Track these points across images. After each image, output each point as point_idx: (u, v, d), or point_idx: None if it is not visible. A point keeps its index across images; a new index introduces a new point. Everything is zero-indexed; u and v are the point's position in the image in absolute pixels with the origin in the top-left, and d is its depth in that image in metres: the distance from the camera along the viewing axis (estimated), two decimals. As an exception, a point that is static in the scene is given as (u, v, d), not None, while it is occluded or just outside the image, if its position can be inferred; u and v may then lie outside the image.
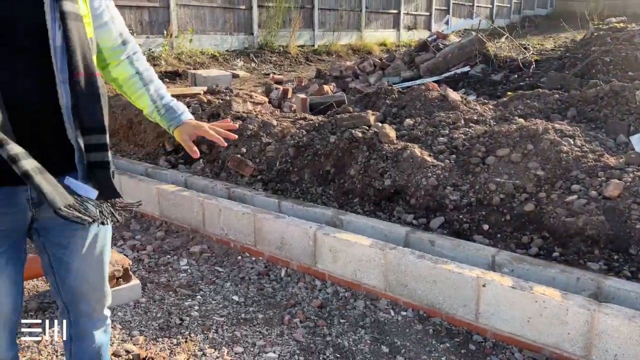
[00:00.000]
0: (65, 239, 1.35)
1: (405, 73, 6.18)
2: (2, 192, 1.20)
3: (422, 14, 18.03)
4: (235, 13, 11.31)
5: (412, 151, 3.43)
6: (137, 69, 1.46)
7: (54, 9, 1.16)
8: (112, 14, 1.39)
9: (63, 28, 1.17)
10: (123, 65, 1.44)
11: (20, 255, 1.32)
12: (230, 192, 3.73)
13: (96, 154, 1.28)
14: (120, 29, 1.42)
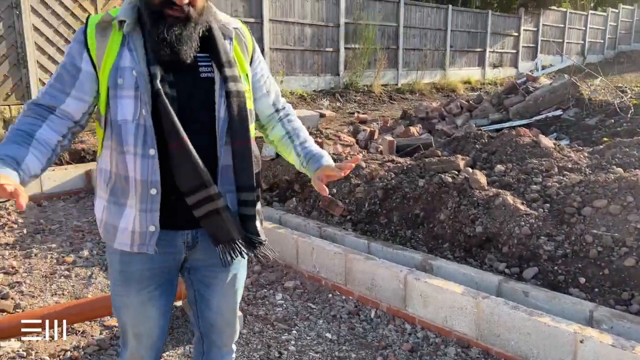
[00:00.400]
0: (209, 279, 1.58)
1: (493, 115, 6.16)
2: (165, 234, 1.44)
3: (509, 51, 17.76)
4: (322, 55, 11.82)
5: (504, 198, 3.44)
6: (287, 129, 1.66)
7: (222, 89, 1.42)
8: (268, 87, 1.64)
9: (227, 104, 1.42)
10: (277, 129, 1.67)
11: (173, 289, 1.56)
12: (322, 231, 3.91)
13: (245, 208, 1.50)
14: (274, 98, 1.66)
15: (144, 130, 1.36)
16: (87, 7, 7.60)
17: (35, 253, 4.14)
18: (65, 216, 5.20)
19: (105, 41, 1.38)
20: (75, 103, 1.41)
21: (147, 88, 1.34)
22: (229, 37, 1.50)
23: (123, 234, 1.44)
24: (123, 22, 1.37)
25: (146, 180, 1.38)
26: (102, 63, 1.37)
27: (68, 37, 7.44)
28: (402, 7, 13.48)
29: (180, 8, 1.33)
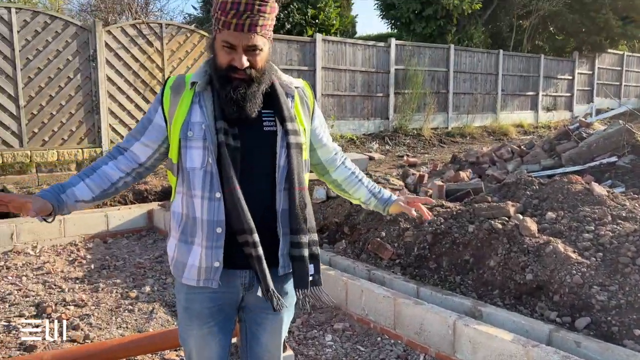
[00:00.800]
0: (261, 318, 1.73)
1: (545, 161, 6.12)
2: (225, 273, 1.62)
3: (563, 94, 17.49)
4: (372, 100, 12.11)
5: (555, 246, 3.44)
6: (350, 169, 1.91)
7: (283, 140, 1.61)
8: (326, 137, 1.84)
9: (287, 154, 1.61)
10: (340, 169, 1.90)
11: (231, 325, 1.72)
12: (371, 274, 4.00)
13: (296, 249, 1.64)
14: (331, 145, 1.87)
15: (210, 176, 1.57)
16: (155, 59, 8.24)
17: (102, 287, 4.43)
18: (128, 253, 5.53)
19: (178, 99, 1.61)
20: (141, 148, 1.68)
21: (214, 140, 1.55)
22: (291, 95, 1.69)
23: (190, 270, 1.63)
24: (195, 83, 1.60)
25: (212, 220, 1.58)
26: (173, 118, 1.61)
27: (137, 87, 8.06)
28: (452, 53, 13.68)
29: (243, 72, 1.54)
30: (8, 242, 5.42)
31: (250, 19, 1.48)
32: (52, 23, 7.25)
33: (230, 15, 1.48)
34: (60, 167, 7.31)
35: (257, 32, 1.51)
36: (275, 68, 1.70)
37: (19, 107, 7.07)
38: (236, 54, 1.52)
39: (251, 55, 1.53)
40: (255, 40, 1.51)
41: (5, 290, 4.36)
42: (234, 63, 1.53)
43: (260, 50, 1.55)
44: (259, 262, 1.55)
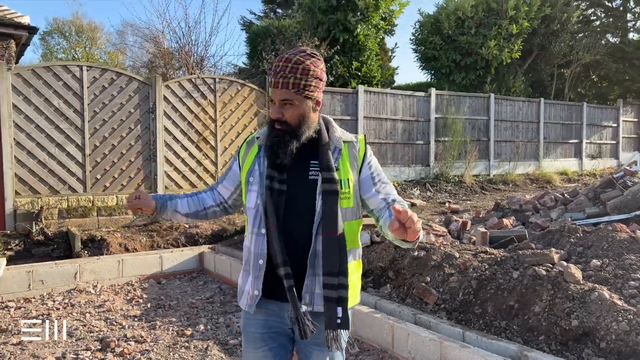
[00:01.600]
0: (308, 352, 1.90)
1: (589, 210, 6.13)
2: (274, 304, 1.85)
3: (608, 142, 17.24)
4: (413, 148, 12.34)
5: (600, 293, 3.49)
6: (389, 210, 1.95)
7: (320, 189, 1.82)
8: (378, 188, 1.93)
9: (322, 201, 1.81)
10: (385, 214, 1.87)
11: (286, 354, 1.91)
12: (416, 318, 4.11)
13: (328, 290, 1.79)
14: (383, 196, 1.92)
15: (259, 215, 1.84)
16: (209, 111, 8.80)
17: (159, 325, 4.70)
18: (181, 293, 5.81)
19: (248, 152, 1.96)
20: (223, 189, 2.11)
21: (263, 184, 1.84)
22: (338, 148, 1.89)
23: (245, 295, 1.90)
24: (258, 137, 1.94)
25: (257, 253, 1.84)
26: (244, 166, 1.94)
27: (191, 136, 8.59)
28: (492, 102, 13.86)
29: (279, 123, 1.82)
30: (72, 280, 5.81)
31: (283, 78, 1.78)
32: (117, 79, 7.93)
33: (272, 76, 1.83)
34: (119, 211, 7.79)
35: (289, 89, 1.78)
36: (332, 124, 1.94)
37: (84, 156, 7.67)
38: (275, 107, 1.82)
39: (284, 109, 1.81)
40: (286, 95, 1.79)
41: (72, 326, 4.69)
42: (272, 115, 1.84)
43: (291, 105, 1.80)
44: (289, 291, 1.77)
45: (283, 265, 1.78)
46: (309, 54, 1.83)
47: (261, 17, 23.27)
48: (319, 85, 1.84)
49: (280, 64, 1.79)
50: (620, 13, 19.08)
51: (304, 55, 1.81)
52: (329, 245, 1.79)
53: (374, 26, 13.15)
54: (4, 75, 7.01)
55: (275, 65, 1.81)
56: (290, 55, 1.81)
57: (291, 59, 1.79)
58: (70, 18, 23.07)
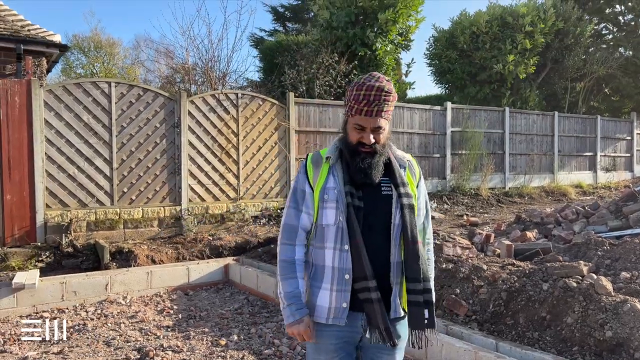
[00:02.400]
0: (376, 357, 2.03)
1: (612, 223, 6.19)
2: (350, 315, 1.95)
3: (622, 155, 17.24)
4: (430, 161, 12.45)
5: (632, 304, 3.56)
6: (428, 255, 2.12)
7: (397, 202, 1.97)
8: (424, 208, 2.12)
9: (400, 214, 1.96)
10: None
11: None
12: (448, 329, 4.19)
13: (412, 295, 1.96)
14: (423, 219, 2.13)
15: (341, 231, 1.93)
16: (231, 125, 8.98)
17: (193, 335, 4.81)
18: (209, 304, 5.93)
19: (318, 171, 2.02)
20: (306, 217, 2.03)
21: (343, 201, 1.93)
22: (403, 166, 2.07)
23: (323, 310, 1.98)
24: (329, 158, 2.02)
25: (342, 268, 1.93)
26: (316, 185, 2.00)
27: (214, 150, 8.76)
28: (507, 115, 13.95)
29: (369, 146, 1.95)
30: (103, 292, 5.95)
31: (378, 107, 1.91)
32: (144, 95, 8.13)
33: (362, 104, 1.91)
34: (144, 223, 7.95)
35: (382, 117, 1.94)
36: (393, 147, 2.10)
37: (112, 169, 7.86)
38: (365, 133, 1.94)
39: (376, 134, 1.95)
40: (380, 122, 1.94)
41: (108, 336, 4.82)
42: (363, 140, 1.95)
43: (384, 130, 1.97)
44: (378, 303, 1.88)
45: (371, 278, 1.89)
46: (387, 79, 1.97)
47: (272, 32, 23.62)
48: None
49: (373, 92, 1.90)
50: (632, 28, 19.17)
51: (386, 81, 1.95)
52: (411, 255, 1.95)
53: (391, 41, 13.35)
54: (37, 92, 7.24)
55: (366, 94, 1.90)
56: (377, 82, 1.92)
57: (382, 87, 1.91)
58: (90, 34, 23.72)
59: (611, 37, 19.98)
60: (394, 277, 1.95)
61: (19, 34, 7.89)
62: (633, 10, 19.00)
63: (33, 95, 7.17)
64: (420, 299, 1.96)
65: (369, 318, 1.92)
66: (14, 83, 7.07)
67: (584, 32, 16.96)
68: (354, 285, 1.92)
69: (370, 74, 1.98)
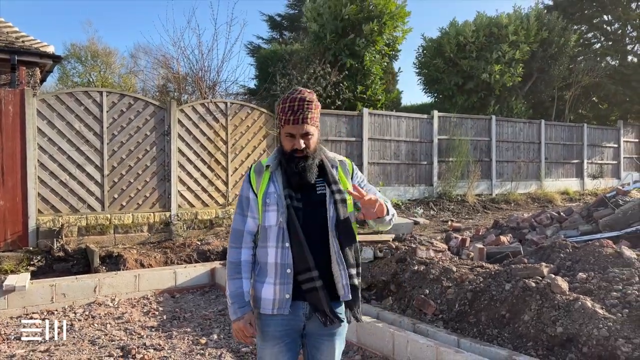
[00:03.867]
0: (318, 343, 2.27)
1: (583, 227, 6.44)
2: (292, 304, 2.18)
3: (609, 162, 17.53)
4: (417, 168, 12.71)
5: (583, 302, 3.80)
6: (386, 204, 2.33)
7: (331, 198, 2.21)
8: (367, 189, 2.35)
9: (334, 207, 2.21)
10: None
11: (296, 347, 2.26)
12: (415, 327, 4.42)
13: (352, 279, 2.21)
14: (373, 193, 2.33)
15: (282, 231, 2.17)
16: (220, 133, 9.23)
17: (175, 335, 5.03)
18: (194, 306, 6.14)
19: (260, 178, 2.26)
20: (252, 220, 2.27)
21: (283, 204, 2.17)
22: (335, 166, 2.33)
23: (269, 301, 2.20)
24: (269, 166, 2.26)
25: (284, 264, 2.17)
26: (259, 191, 2.24)
27: (203, 157, 9.01)
28: (494, 123, 14.24)
29: (301, 151, 2.19)
30: (92, 294, 6.16)
31: (302, 115, 2.17)
32: (135, 103, 8.39)
33: (288, 114, 2.16)
34: (134, 229, 8.17)
35: (308, 123, 2.18)
36: (324, 149, 2.35)
37: (103, 176, 8.09)
38: (295, 140, 2.19)
39: (305, 139, 2.20)
40: (307, 128, 2.19)
41: (94, 335, 5.03)
42: (295, 146, 2.19)
43: (312, 135, 2.21)
44: (322, 290, 2.13)
45: (314, 269, 2.14)
46: (308, 91, 2.23)
47: (269, 41, 23.93)
48: (319, 117, 2.28)
49: (296, 103, 2.16)
50: (619, 37, 19.54)
51: (307, 93, 2.21)
52: (348, 244, 2.21)
53: (378, 52, 13.65)
54: (30, 101, 7.48)
55: (290, 105, 2.16)
56: (299, 94, 2.19)
57: (303, 97, 2.17)
58: (87, 43, 24.05)
59: (599, 46, 20.35)
60: (336, 265, 2.18)
61: (13, 45, 8.14)
62: (620, 19, 19.37)
63: (26, 104, 7.41)
64: (356, 282, 2.22)
65: (314, 305, 2.16)
66: (8, 92, 7.32)
67: (568, 41, 17.30)
68: (297, 277, 2.15)
69: (294, 89, 2.24)
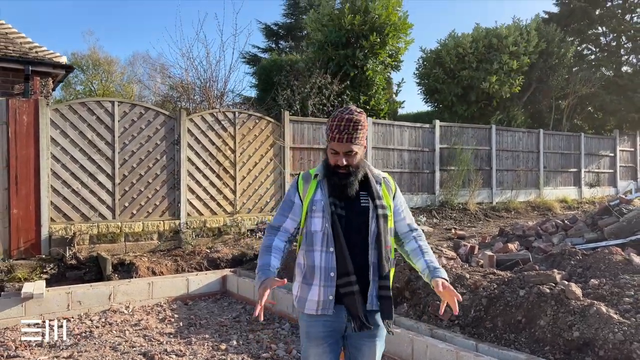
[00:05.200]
0: (359, 345, 2.37)
1: (588, 235, 6.60)
2: (335, 307, 2.30)
3: (606, 171, 17.79)
4: (419, 176, 12.88)
5: (598, 308, 3.94)
6: (419, 244, 2.51)
7: (374, 212, 2.34)
8: (405, 214, 2.53)
9: (376, 223, 2.33)
10: (411, 243, 2.50)
11: (338, 349, 2.38)
12: (433, 332, 4.54)
13: (383, 291, 2.33)
14: (409, 221, 2.54)
15: (327, 236, 2.30)
16: (228, 142, 9.35)
17: (194, 341, 5.12)
18: (208, 313, 6.23)
19: (307, 186, 2.41)
20: (291, 222, 2.44)
21: (328, 211, 2.31)
22: (379, 182, 2.46)
23: (312, 303, 2.33)
24: (317, 175, 2.41)
25: (328, 267, 2.30)
26: (305, 198, 2.39)
27: (212, 166, 9.12)
28: (494, 132, 14.46)
29: (344, 168, 2.33)
30: (106, 302, 6.24)
31: (348, 135, 2.29)
32: (146, 113, 8.50)
33: (335, 133, 2.30)
34: (144, 237, 8.26)
35: (352, 142, 2.31)
36: (368, 164, 2.48)
37: (114, 185, 8.18)
38: (339, 156, 2.32)
39: (348, 157, 2.33)
40: (351, 147, 2.31)
41: (114, 341, 5.11)
42: (337, 163, 2.32)
43: (355, 154, 2.33)
44: (359, 294, 2.25)
45: (352, 274, 2.26)
46: (358, 111, 2.35)
47: (265, 50, 24.12)
48: (366, 135, 2.40)
49: (343, 123, 2.27)
50: (613, 48, 19.89)
51: (356, 113, 2.33)
52: (385, 257, 2.32)
53: (381, 62, 13.85)
54: (44, 111, 7.58)
55: (337, 124, 2.29)
56: (347, 114, 2.30)
57: (351, 118, 2.29)
58: (88, 52, 24.17)
59: (593, 58, 20.69)
60: (371, 275, 2.31)
61: (27, 55, 8.25)
62: (614, 31, 19.73)
63: (40, 114, 7.51)
64: (388, 294, 2.34)
65: (349, 309, 2.27)
66: (22, 102, 7.42)
67: (567, 53, 17.60)
68: (337, 281, 2.28)
69: (346, 107, 2.36)
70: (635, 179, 18.42)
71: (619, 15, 19.41)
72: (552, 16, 20.60)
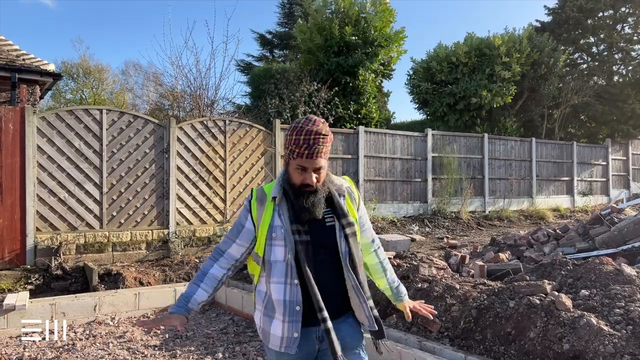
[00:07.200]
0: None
1: (580, 244, 6.55)
2: (304, 330, 2.11)
3: (598, 179, 17.83)
4: (411, 185, 12.83)
5: (588, 319, 3.87)
6: (379, 258, 2.39)
7: (341, 232, 2.17)
8: (367, 223, 2.38)
9: (346, 242, 2.16)
10: (372, 256, 2.37)
11: None
12: (422, 344, 4.46)
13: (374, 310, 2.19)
14: (370, 232, 2.39)
15: (290, 267, 2.06)
16: (219, 151, 9.28)
17: (179, 354, 5.01)
18: (195, 325, 6.12)
19: (262, 208, 2.13)
20: (237, 248, 2.18)
21: (291, 239, 2.05)
22: (342, 195, 2.26)
23: (274, 338, 2.14)
24: (275, 197, 2.12)
25: (293, 301, 2.05)
26: (261, 223, 2.11)
27: (202, 175, 9.03)
28: (486, 141, 14.46)
29: (311, 186, 2.12)
30: (91, 313, 6.12)
31: (317, 149, 2.04)
32: (134, 121, 8.42)
33: (303, 148, 2.03)
34: (132, 246, 8.14)
35: (321, 157, 2.10)
36: (332, 177, 2.27)
37: (102, 194, 8.08)
38: (307, 174, 2.07)
39: (317, 173, 2.12)
40: (321, 162, 2.09)
41: (97, 355, 5.00)
42: (306, 181, 2.08)
43: (323, 169, 2.14)
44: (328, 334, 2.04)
45: (320, 310, 2.03)
46: (322, 121, 2.13)
47: (259, 58, 24.13)
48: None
49: (312, 137, 2.03)
50: (605, 58, 20.01)
51: (322, 124, 2.08)
52: (362, 276, 2.19)
53: (373, 71, 13.85)
54: (31, 119, 7.49)
55: (305, 138, 2.03)
56: (314, 126, 2.05)
57: (319, 131, 2.05)
58: (78, 60, 24.06)
59: (585, 67, 20.81)
60: (355, 299, 2.15)
61: (14, 63, 8.17)
62: (605, 41, 19.86)
63: (26, 122, 7.41)
64: (377, 313, 2.20)
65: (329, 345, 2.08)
66: (8, 110, 7.32)
67: (557, 62, 17.69)
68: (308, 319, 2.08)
69: (307, 118, 2.10)
70: (628, 187, 18.47)
71: (610, 25, 19.54)
72: (544, 25, 20.72)
